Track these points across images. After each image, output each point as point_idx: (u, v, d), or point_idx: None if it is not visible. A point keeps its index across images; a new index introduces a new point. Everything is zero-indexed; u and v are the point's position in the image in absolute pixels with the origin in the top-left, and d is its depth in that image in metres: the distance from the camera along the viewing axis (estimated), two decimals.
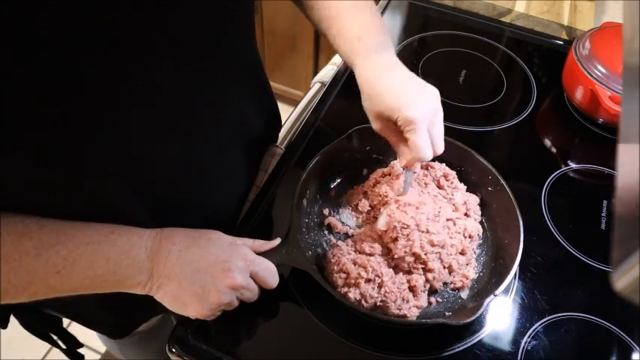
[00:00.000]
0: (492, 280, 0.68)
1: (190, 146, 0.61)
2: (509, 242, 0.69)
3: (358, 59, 0.69)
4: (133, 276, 0.56)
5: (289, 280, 0.69)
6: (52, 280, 0.52)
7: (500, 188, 0.73)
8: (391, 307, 0.64)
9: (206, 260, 0.59)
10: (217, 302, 0.59)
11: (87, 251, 0.53)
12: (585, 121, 0.94)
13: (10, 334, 0.77)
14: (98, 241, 0.54)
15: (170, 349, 0.64)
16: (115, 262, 0.55)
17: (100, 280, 0.55)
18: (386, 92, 0.66)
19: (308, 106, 0.96)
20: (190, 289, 0.58)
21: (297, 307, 0.67)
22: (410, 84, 0.67)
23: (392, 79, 0.67)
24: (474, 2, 1.17)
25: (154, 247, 0.57)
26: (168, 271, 0.57)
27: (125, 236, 0.56)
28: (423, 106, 0.64)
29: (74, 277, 0.53)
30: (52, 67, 0.42)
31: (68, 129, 0.46)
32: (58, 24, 0.41)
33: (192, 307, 0.59)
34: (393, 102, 0.64)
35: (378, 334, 0.66)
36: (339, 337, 0.65)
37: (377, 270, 0.65)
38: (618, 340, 0.67)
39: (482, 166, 0.76)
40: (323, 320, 0.66)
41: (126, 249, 0.56)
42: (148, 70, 0.50)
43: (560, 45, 1.08)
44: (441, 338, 0.66)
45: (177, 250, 0.58)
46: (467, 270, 0.69)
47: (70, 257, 0.52)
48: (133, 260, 0.56)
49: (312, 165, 0.73)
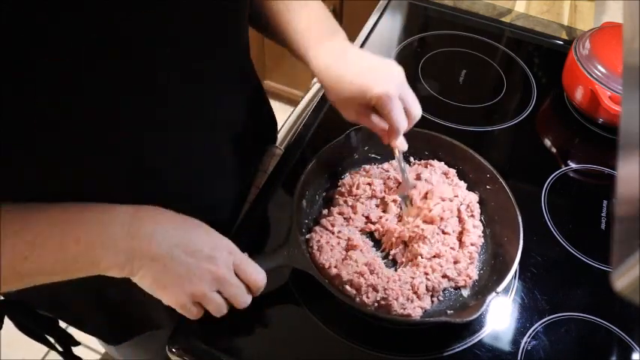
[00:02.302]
0: (493, 277, 0.68)
1: (188, 147, 0.61)
2: (508, 240, 0.69)
3: (311, 49, 0.68)
4: (108, 256, 0.52)
5: (289, 280, 0.69)
6: (20, 267, 0.50)
7: (499, 186, 0.73)
8: (394, 305, 0.64)
9: (194, 244, 0.56)
10: (197, 289, 0.56)
11: (53, 233, 0.51)
12: (585, 121, 0.94)
13: (10, 335, 0.77)
14: (66, 221, 0.51)
15: (170, 349, 0.64)
16: (87, 243, 0.51)
17: (73, 262, 0.52)
18: (350, 75, 0.65)
19: (308, 106, 0.96)
20: (175, 271, 0.54)
21: (297, 308, 0.67)
22: (369, 61, 0.67)
23: (350, 60, 0.66)
24: (474, 2, 1.17)
25: (135, 226, 0.54)
26: (154, 252, 0.54)
27: (96, 213, 0.53)
28: (390, 79, 0.64)
29: (44, 261, 0.51)
30: (52, 67, 0.42)
31: (68, 130, 0.46)
32: (58, 24, 0.41)
33: (171, 292, 0.55)
34: (361, 84, 0.64)
35: (378, 334, 0.66)
36: (339, 337, 0.65)
37: (377, 269, 0.66)
38: (618, 340, 0.67)
39: (479, 164, 0.76)
40: (323, 320, 0.66)
41: (98, 228, 0.52)
42: (148, 70, 0.50)
43: (560, 45, 1.08)
44: (441, 338, 0.66)
45: (162, 229, 0.55)
46: (470, 270, 0.69)
47: (36, 242, 0.50)
48: (107, 239, 0.52)
49: (310, 166, 0.73)
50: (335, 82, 0.66)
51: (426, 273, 0.67)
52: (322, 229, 0.71)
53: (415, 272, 0.67)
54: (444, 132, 0.79)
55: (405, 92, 0.65)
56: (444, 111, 0.93)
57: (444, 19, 1.13)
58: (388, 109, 0.63)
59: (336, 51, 0.67)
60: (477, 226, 0.73)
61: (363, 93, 0.63)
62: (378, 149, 0.79)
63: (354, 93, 0.64)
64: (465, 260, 0.69)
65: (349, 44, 0.69)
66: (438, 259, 0.68)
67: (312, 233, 0.70)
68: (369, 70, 0.65)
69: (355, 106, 0.66)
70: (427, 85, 0.98)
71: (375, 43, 1.06)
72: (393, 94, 0.62)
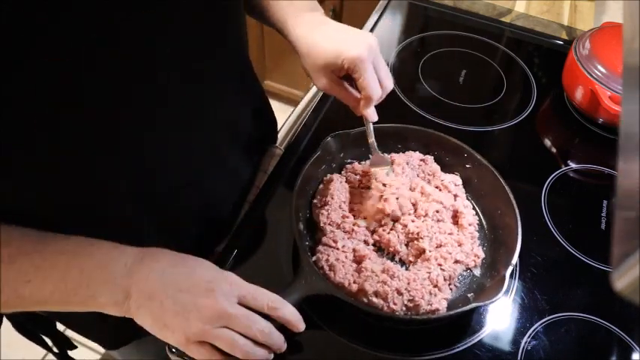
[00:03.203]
0: (500, 250, 0.69)
1: (187, 147, 0.61)
2: (502, 212, 0.71)
3: (289, 19, 0.69)
4: (106, 293, 0.52)
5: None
6: (22, 289, 0.50)
7: (478, 162, 0.75)
8: (422, 304, 0.63)
9: (190, 279, 0.55)
10: (194, 326, 0.52)
11: (60, 261, 0.51)
12: (585, 121, 0.94)
13: (10, 335, 0.77)
14: (74, 252, 0.52)
15: (170, 349, 0.64)
16: (89, 275, 0.51)
17: (72, 294, 0.51)
18: (325, 41, 0.66)
19: (308, 106, 0.96)
20: (172, 309, 0.53)
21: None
22: (345, 30, 0.68)
23: (327, 29, 0.67)
24: (474, 2, 1.17)
25: (135, 265, 0.54)
26: (150, 290, 0.53)
27: (104, 249, 0.54)
28: (364, 44, 0.64)
29: (45, 287, 0.51)
30: (52, 67, 0.42)
31: (67, 130, 0.46)
32: (58, 24, 0.41)
33: (172, 330, 0.53)
34: (335, 48, 0.64)
35: (378, 334, 0.66)
36: (341, 337, 0.65)
37: (396, 272, 0.65)
38: (618, 340, 0.67)
39: (454, 146, 0.77)
40: (325, 322, 0.66)
41: (103, 263, 0.53)
42: (148, 70, 0.50)
43: (560, 45, 1.08)
44: (441, 338, 0.66)
45: (160, 268, 0.54)
46: (475, 249, 0.70)
47: (42, 266, 0.50)
48: (108, 275, 0.52)
49: (297, 187, 0.70)
50: (310, 48, 0.66)
51: (440, 264, 0.67)
52: (327, 248, 0.68)
53: (429, 266, 0.67)
54: (444, 132, 0.79)
55: (377, 61, 0.66)
56: (444, 111, 0.93)
57: (444, 19, 1.13)
58: (361, 72, 0.63)
59: (314, 22, 0.69)
60: (467, 206, 0.74)
61: (336, 57, 0.64)
62: (354, 154, 0.79)
63: (328, 58, 0.65)
64: (468, 241, 0.70)
65: (328, 18, 0.70)
66: (444, 248, 0.69)
67: (318, 254, 0.68)
68: (344, 37, 0.66)
69: (328, 74, 0.67)
70: (427, 85, 0.98)
71: None
72: (366, 57, 0.63)
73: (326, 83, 0.68)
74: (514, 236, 0.66)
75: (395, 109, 0.93)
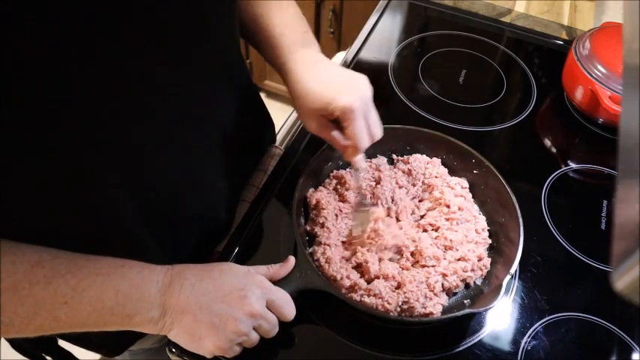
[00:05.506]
0: (500, 258, 0.68)
1: (182, 147, 0.60)
2: (505, 221, 0.70)
3: (282, 56, 0.68)
4: (143, 311, 0.54)
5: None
6: (58, 312, 0.50)
7: (486, 169, 0.74)
8: (416, 307, 0.63)
9: (221, 290, 0.57)
10: (235, 331, 0.56)
11: (96, 282, 0.52)
12: (585, 121, 0.94)
13: (8, 353, 0.76)
14: (108, 273, 0.53)
15: (170, 349, 0.64)
16: (125, 295, 0.53)
17: (109, 314, 0.53)
18: (317, 86, 0.64)
19: None
20: (206, 320, 0.55)
21: (298, 309, 0.67)
22: (339, 74, 0.66)
23: (320, 72, 0.66)
24: (474, 2, 1.17)
25: (166, 282, 0.56)
26: (182, 305, 0.55)
27: (136, 269, 0.55)
28: (356, 94, 0.63)
29: (82, 308, 0.51)
30: (48, 65, 0.42)
31: (67, 131, 0.46)
32: (46, 22, 0.41)
33: (209, 341, 0.56)
34: (326, 94, 0.63)
35: (378, 334, 0.66)
36: (340, 337, 0.65)
37: (393, 273, 0.65)
38: (618, 340, 0.67)
39: (463, 151, 0.76)
40: (324, 321, 0.66)
41: (136, 282, 0.54)
42: (142, 67, 0.49)
43: (560, 45, 1.08)
44: (441, 338, 0.66)
45: (189, 283, 0.56)
46: (485, 261, 0.69)
47: (78, 287, 0.51)
48: (143, 294, 0.54)
49: (301, 182, 0.71)
50: (300, 91, 0.66)
51: (444, 274, 0.67)
52: (322, 244, 0.69)
53: (429, 271, 0.67)
54: (444, 132, 0.79)
55: (368, 109, 0.65)
56: (444, 111, 0.93)
57: (444, 19, 1.13)
58: (350, 121, 0.62)
59: (306, 61, 0.67)
60: (477, 210, 0.74)
61: (327, 104, 0.63)
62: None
63: (318, 103, 0.64)
64: (480, 249, 0.69)
65: (321, 56, 0.69)
66: (463, 263, 0.67)
67: (315, 246, 0.69)
68: (336, 82, 0.64)
69: (318, 118, 0.66)
70: (427, 85, 0.98)
71: (375, 43, 1.06)
72: (357, 107, 0.62)
73: (315, 126, 0.67)
74: (515, 247, 0.65)
75: (395, 109, 0.93)
